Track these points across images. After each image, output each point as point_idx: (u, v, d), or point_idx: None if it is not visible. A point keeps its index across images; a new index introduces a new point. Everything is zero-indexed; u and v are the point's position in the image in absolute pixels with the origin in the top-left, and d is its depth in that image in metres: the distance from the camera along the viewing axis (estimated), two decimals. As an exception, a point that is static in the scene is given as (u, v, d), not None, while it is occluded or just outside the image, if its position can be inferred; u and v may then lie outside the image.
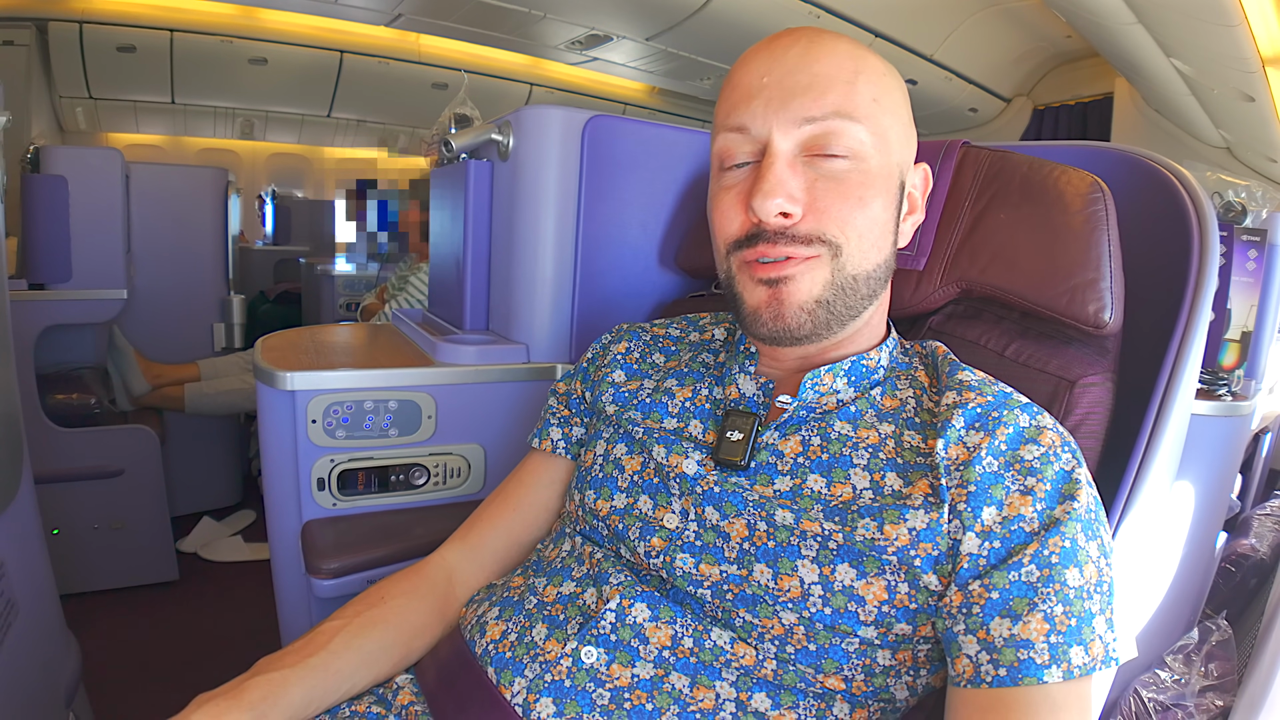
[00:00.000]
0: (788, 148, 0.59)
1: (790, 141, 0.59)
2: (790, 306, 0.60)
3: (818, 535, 0.56)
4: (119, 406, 2.32)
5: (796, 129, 0.59)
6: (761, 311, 0.61)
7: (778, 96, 0.59)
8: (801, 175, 0.59)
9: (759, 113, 0.59)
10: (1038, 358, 0.74)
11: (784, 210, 0.58)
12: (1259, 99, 2.68)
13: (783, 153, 0.59)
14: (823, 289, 0.60)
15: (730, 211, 0.62)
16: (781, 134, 0.59)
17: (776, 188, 0.58)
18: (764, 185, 0.58)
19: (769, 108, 0.59)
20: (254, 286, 3.65)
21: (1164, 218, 0.76)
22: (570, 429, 0.80)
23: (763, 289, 0.61)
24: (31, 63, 3.88)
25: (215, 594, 2.15)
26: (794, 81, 0.59)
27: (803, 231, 0.59)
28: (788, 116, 0.59)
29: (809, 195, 0.59)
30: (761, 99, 0.59)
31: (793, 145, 0.59)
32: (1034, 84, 4.59)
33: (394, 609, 0.69)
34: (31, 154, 2.01)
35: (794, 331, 0.61)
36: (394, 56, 4.68)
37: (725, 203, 0.63)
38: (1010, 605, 0.50)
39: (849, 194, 0.59)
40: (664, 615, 0.59)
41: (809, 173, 0.59)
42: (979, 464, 0.55)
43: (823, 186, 0.59)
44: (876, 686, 0.56)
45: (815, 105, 0.58)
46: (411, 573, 0.74)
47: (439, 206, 1.43)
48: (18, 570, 1.06)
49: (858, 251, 0.60)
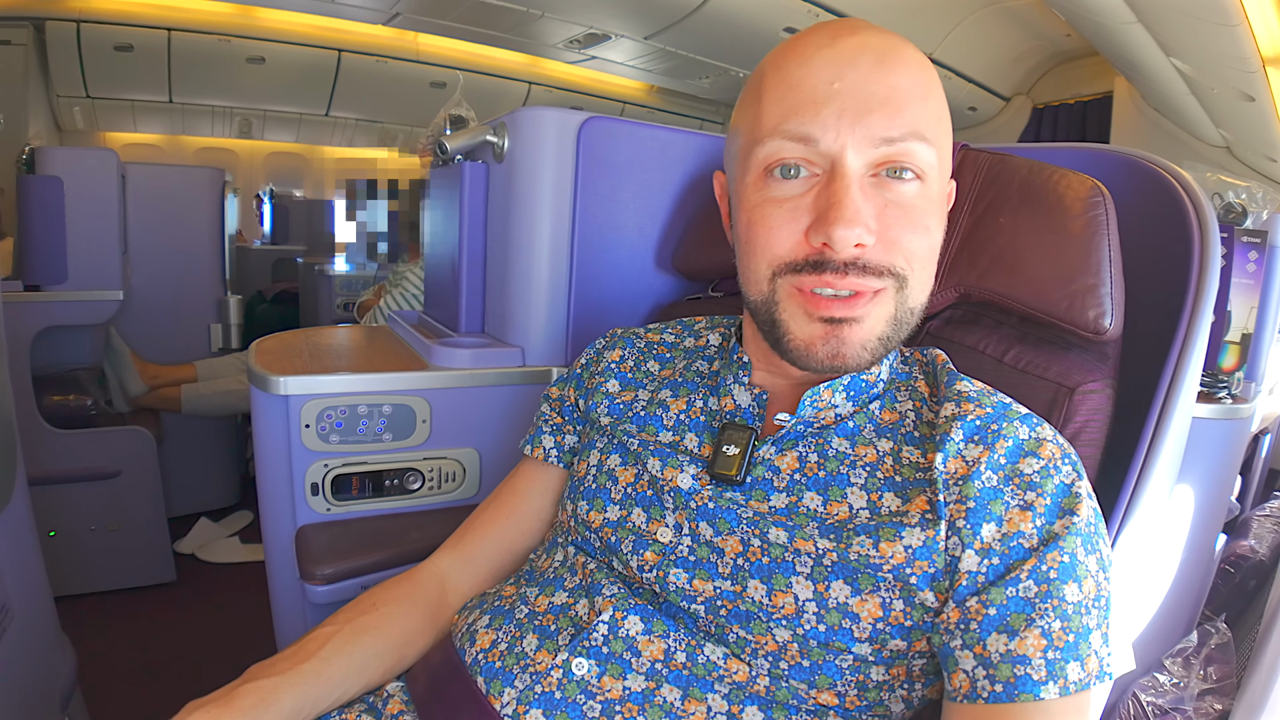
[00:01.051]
0: (859, 167, 0.54)
1: (862, 160, 0.54)
2: (852, 346, 0.56)
3: (812, 553, 0.55)
4: (115, 407, 2.31)
5: (873, 149, 0.54)
6: (816, 349, 0.57)
7: (852, 109, 0.54)
8: (871, 200, 0.55)
9: (830, 124, 0.54)
10: (1037, 364, 0.74)
11: (862, 241, 0.54)
12: (1259, 99, 2.68)
13: (856, 174, 0.54)
14: (885, 325, 0.57)
15: (781, 230, 0.56)
16: (855, 152, 0.54)
17: (856, 217, 0.53)
18: (844, 213, 0.53)
19: (842, 121, 0.54)
20: (252, 286, 3.64)
21: (1164, 221, 0.75)
22: (563, 437, 0.79)
23: (819, 325, 0.56)
24: (29, 62, 3.88)
25: (212, 595, 2.15)
26: (869, 93, 0.54)
27: (873, 262, 0.55)
28: (864, 134, 0.54)
29: (880, 223, 0.54)
30: (833, 109, 0.54)
31: (864, 165, 0.55)
32: (1033, 83, 4.58)
33: (386, 616, 0.69)
34: (27, 155, 2.00)
35: (851, 369, 0.58)
36: (392, 55, 4.68)
37: (776, 219, 0.56)
38: (1008, 621, 0.50)
39: (917, 223, 0.56)
40: (657, 629, 0.58)
41: (877, 197, 0.55)
42: (978, 479, 0.54)
43: (893, 214, 0.55)
44: (870, 701, 0.55)
45: (893, 124, 0.54)
46: (404, 580, 0.74)
47: (434, 208, 1.42)
48: (12, 573, 1.05)
49: (919, 283, 0.57)
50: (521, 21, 3.99)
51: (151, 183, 2.37)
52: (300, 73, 4.72)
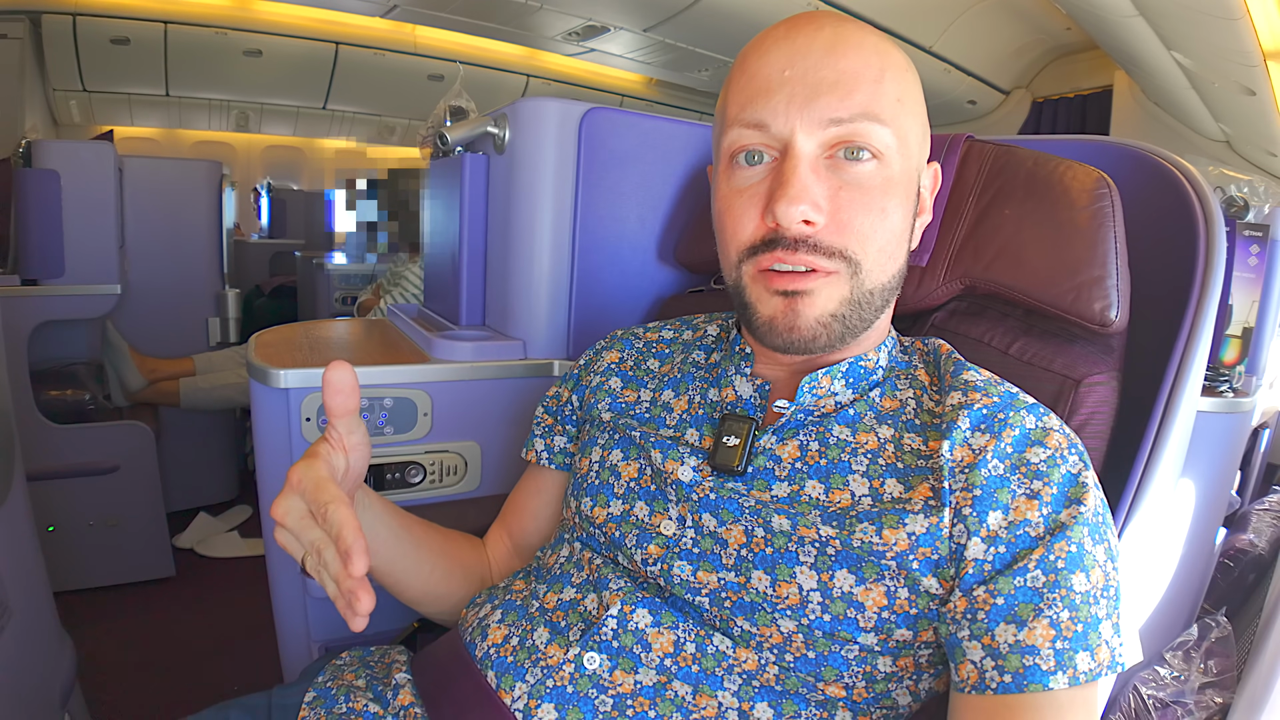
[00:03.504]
0: (811, 149, 0.56)
1: (814, 142, 0.56)
2: (806, 320, 0.58)
3: (815, 541, 0.55)
4: (114, 402, 2.30)
5: (821, 130, 0.56)
6: (776, 322, 0.58)
7: (801, 93, 0.55)
8: (825, 181, 0.56)
9: (780, 110, 0.56)
10: (1042, 356, 0.73)
11: (808, 218, 0.55)
12: (1260, 93, 2.67)
13: (806, 155, 0.56)
14: (839, 304, 0.58)
15: (744, 216, 0.59)
16: (805, 134, 0.56)
17: (801, 194, 0.55)
18: (788, 190, 0.55)
19: (792, 105, 0.56)
20: (250, 280, 3.63)
21: (1169, 214, 0.75)
22: (552, 439, 0.80)
23: (778, 300, 0.58)
24: (25, 56, 3.86)
25: (212, 590, 2.15)
26: (819, 78, 0.55)
27: (824, 242, 0.56)
28: (812, 116, 0.55)
29: (832, 204, 0.56)
30: (784, 94, 0.56)
31: (816, 146, 0.56)
32: (1033, 76, 4.58)
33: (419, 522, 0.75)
34: (23, 148, 1.99)
35: (809, 345, 0.59)
36: (389, 48, 4.67)
37: (738, 206, 0.59)
38: (1015, 611, 0.49)
39: (871, 204, 0.56)
40: (665, 621, 0.58)
41: (832, 179, 0.56)
42: (984, 467, 0.54)
43: (846, 196, 0.56)
44: (878, 693, 0.55)
45: (842, 105, 0.55)
46: (476, 547, 0.83)
47: (434, 200, 1.41)
48: (11, 569, 1.05)
49: (876, 266, 0.58)
50: (520, 13, 3.98)
51: (149, 176, 2.35)
52: (298, 65, 4.70)
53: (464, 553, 0.79)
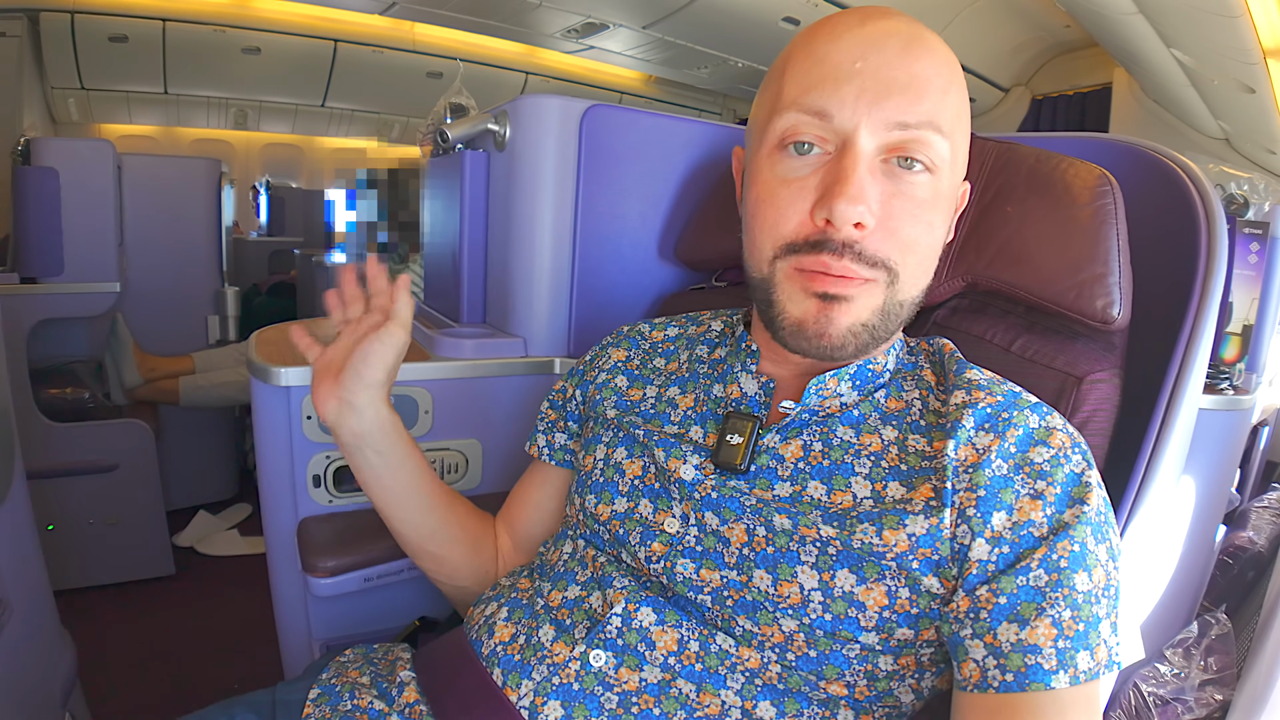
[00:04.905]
0: (872, 149, 0.54)
1: (875, 143, 0.54)
2: (838, 326, 0.56)
3: (816, 540, 0.55)
4: (113, 400, 2.30)
5: (886, 132, 0.54)
6: (808, 326, 0.57)
7: (872, 89, 0.53)
8: (879, 185, 0.54)
9: (848, 101, 0.53)
10: (1044, 353, 0.73)
11: (862, 221, 0.53)
12: (1259, 90, 2.67)
13: (867, 154, 0.54)
14: (871, 314, 0.57)
15: (789, 208, 0.56)
16: (869, 133, 0.54)
17: (860, 193, 0.53)
18: (848, 188, 0.52)
19: (861, 99, 0.53)
20: (249, 278, 3.63)
21: (1171, 211, 0.75)
22: (554, 435, 0.80)
23: (813, 302, 0.56)
24: (23, 54, 3.85)
25: (212, 588, 2.15)
26: (891, 76, 0.53)
27: (869, 251, 0.54)
28: (881, 116, 0.53)
29: (884, 210, 0.54)
30: (854, 87, 0.53)
31: (875, 148, 0.54)
32: (1032, 74, 4.57)
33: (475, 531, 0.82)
34: (22, 146, 1.99)
35: (836, 353, 0.58)
36: (388, 45, 4.67)
37: (783, 197, 0.56)
38: (1018, 610, 0.49)
39: (920, 216, 0.55)
40: (669, 619, 0.58)
41: (886, 185, 0.55)
42: (988, 467, 0.54)
43: (897, 205, 0.55)
44: (880, 691, 0.55)
45: (911, 110, 0.53)
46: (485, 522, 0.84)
47: (434, 197, 1.41)
48: (11, 567, 1.05)
49: (911, 279, 0.57)
50: (519, 11, 3.97)
51: (148, 174, 2.35)
52: (296, 63, 4.70)
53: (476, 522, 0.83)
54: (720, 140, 1.19)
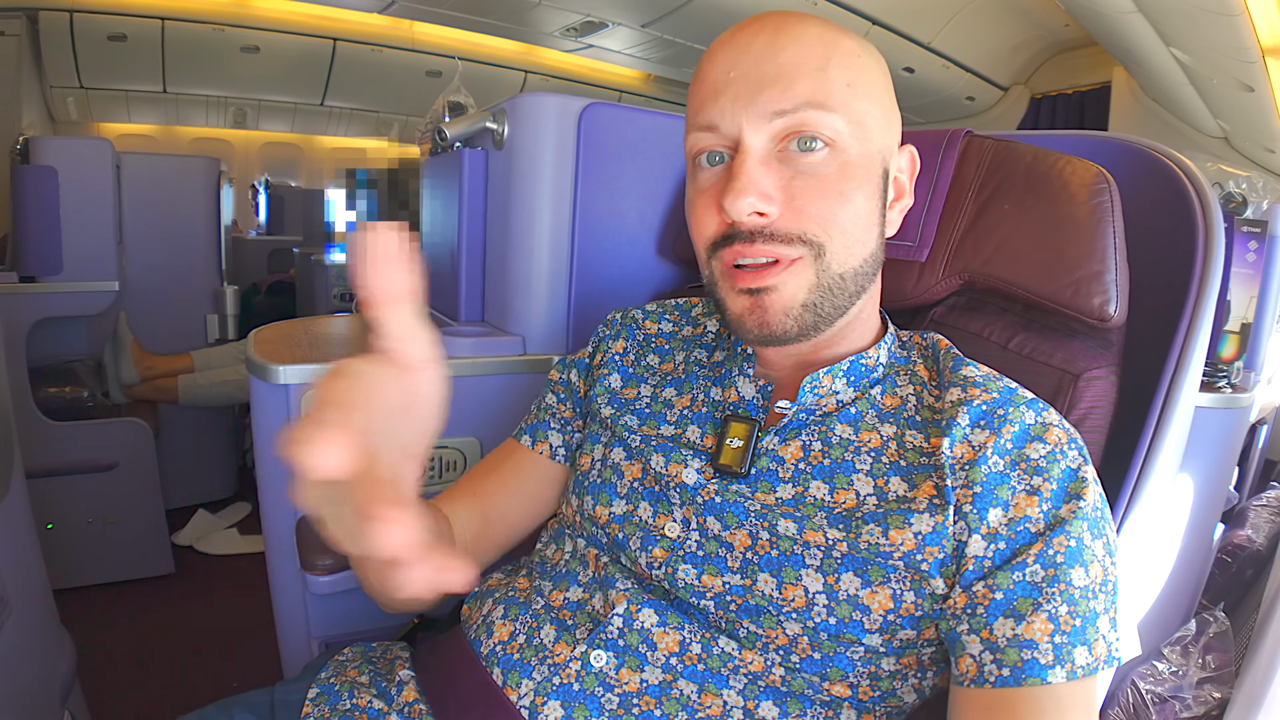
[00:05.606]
0: (760, 144, 0.56)
1: (762, 137, 0.56)
2: (774, 313, 0.58)
3: (821, 545, 0.55)
4: (112, 399, 2.30)
5: (767, 123, 0.56)
6: (745, 319, 0.59)
7: (745, 91, 0.56)
8: (776, 172, 0.56)
9: (727, 109, 0.56)
10: (1041, 351, 0.73)
11: (758, 209, 0.55)
12: (1258, 89, 2.67)
13: (754, 149, 0.56)
14: (808, 292, 0.58)
15: (705, 214, 0.60)
16: (752, 130, 0.56)
17: (748, 186, 0.55)
18: (735, 184, 0.55)
19: (737, 103, 0.56)
20: (248, 277, 3.63)
21: (1168, 209, 0.75)
22: (571, 435, 0.77)
23: (745, 297, 0.58)
24: (22, 53, 3.84)
25: (211, 587, 2.15)
26: (760, 73, 0.56)
27: (781, 230, 0.56)
28: (757, 111, 0.56)
29: (785, 193, 0.56)
30: (729, 94, 0.56)
31: (765, 140, 0.56)
32: (1031, 72, 4.57)
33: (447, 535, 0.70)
34: (21, 145, 1.99)
35: (780, 337, 0.59)
36: (387, 44, 4.66)
37: (700, 205, 0.60)
38: (1014, 605, 0.50)
39: (828, 190, 0.56)
40: (671, 621, 0.58)
41: (784, 170, 0.56)
42: (984, 463, 0.54)
43: (800, 184, 0.56)
44: (883, 691, 0.56)
45: (784, 97, 0.55)
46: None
47: (433, 196, 1.41)
48: (10, 567, 1.05)
49: (842, 249, 0.57)
50: (518, 9, 3.97)
51: (147, 172, 2.34)
52: (295, 62, 4.69)
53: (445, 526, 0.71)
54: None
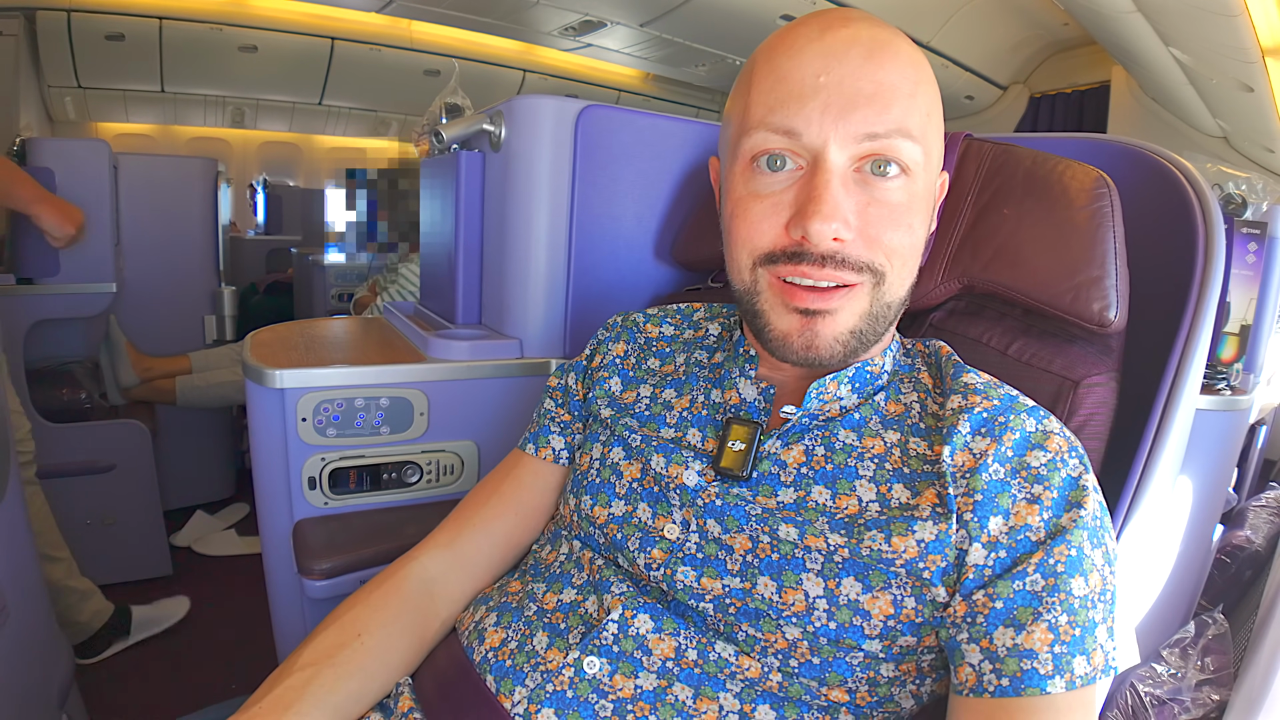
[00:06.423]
0: (842, 163, 0.54)
1: (845, 155, 0.54)
2: (825, 339, 0.57)
3: (823, 549, 0.55)
4: (110, 401, 2.30)
5: (855, 144, 0.54)
6: (792, 340, 0.57)
7: (837, 104, 0.53)
8: (854, 196, 0.55)
9: (814, 119, 0.54)
10: (1041, 357, 0.73)
11: (839, 236, 0.54)
12: (1258, 89, 2.66)
13: (838, 169, 0.54)
14: (859, 319, 0.57)
15: (763, 222, 0.57)
16: (838, 147, 0.54)
17: (834, 211, 0.53)
18: (820, 207, 0.53)
19: (827, 115, 0.53)
20: (246, 277, 3.62)
21: (1168, 213, 0.75)
22: (572, 436, 0.77)
23: (796, 317, 0.57)
24: (20, 53, 3.84)
25: (209, 589, 2.14)
26: (856, 89, 0.53)
27: (853, 257, 0.55)
28: (848, 130, 0.53)
29: (860, 219, 0.55)
30: (818, 103, 0.53)
31: (846, 160, 0.54)
32: (1030, 71, 4.56)
33: (371, 649, 0.63)
34: (18, 146, 1.98)
35: (825, 362, 0.58)
36: (385, 43, 4.65)
37: (757, 212, 0.57)
38: (1014, 615, 0.49)
39: (899, 220, 0.55)
40: (667, 627, 0.58)
41: (860, 194, 0.55)
42: (985, 471, 0.54)
43: (875, 212, 0.55)
44: (881, 697, 0.55)
45: (879, 120, 0.53)
46: (391, 593, 0.68)
47: (430, 198, 1.41)
48: (8, 569, 1.05)
49: (898, 279, 0.57)
50: (516, 8, 3.96)
51: (144, 173, 2.33)
52: (293, 61, 4.68)
53: (406, 640, 0.68)
54: (716, 140, 1.19)
